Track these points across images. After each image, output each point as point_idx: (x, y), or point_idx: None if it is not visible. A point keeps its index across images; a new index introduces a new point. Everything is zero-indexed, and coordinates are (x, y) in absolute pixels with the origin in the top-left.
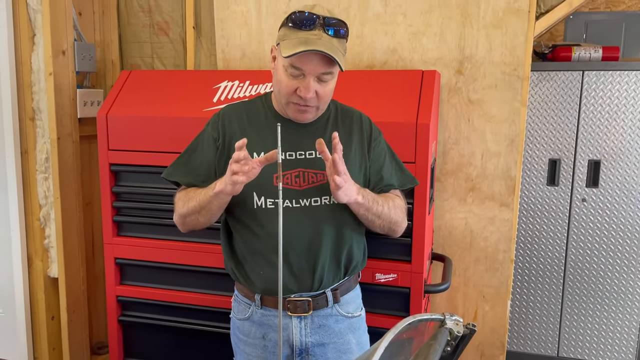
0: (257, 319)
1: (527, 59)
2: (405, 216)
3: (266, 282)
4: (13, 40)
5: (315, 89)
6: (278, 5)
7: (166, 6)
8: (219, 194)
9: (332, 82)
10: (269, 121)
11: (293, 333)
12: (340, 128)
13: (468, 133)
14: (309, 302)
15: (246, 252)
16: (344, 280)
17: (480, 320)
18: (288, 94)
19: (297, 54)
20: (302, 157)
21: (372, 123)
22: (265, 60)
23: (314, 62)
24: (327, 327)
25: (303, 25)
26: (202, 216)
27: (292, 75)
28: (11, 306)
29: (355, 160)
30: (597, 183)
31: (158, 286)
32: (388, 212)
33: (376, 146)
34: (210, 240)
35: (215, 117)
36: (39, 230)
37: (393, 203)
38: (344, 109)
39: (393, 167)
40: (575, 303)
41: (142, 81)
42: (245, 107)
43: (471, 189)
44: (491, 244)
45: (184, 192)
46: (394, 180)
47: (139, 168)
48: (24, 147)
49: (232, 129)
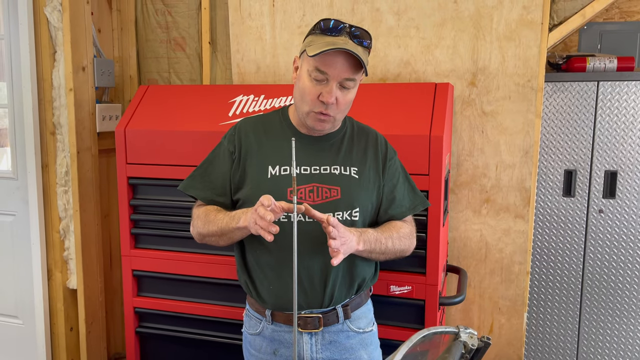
0: (268, 335)
1: (541, 71)
2: (414, 240)
3: (276, 297)
4: (35, 57)
5: (336, 95)
6: (292, 20)
7: (182, 22)
8: (242, 229)
9: (352, 91)
10: (286, 135)
11: (304, 349)
12: (356, 146)
13: (482, 144)
14: (320, 318)
15: (257, 265)
16: (355, 296)
17: (496, 333)
18: (311, 100)
19: (325, 51)
20: (316, 172)
21: (388, 143)
22: (280, 74)
23: (338, 66)
24: (339, 343)
25: (330, 31)
26: (222, 240)
27: (316, 80)
28: (31, 317)
29: (369, 179)
30: (614, 194)
31: (175, 298)
32: (392, 247)
33: (391, 166)
34: (227, 252)
35: (232, 131)
36: (59, 242)
37: (398, 234)
38: (360, 127)
39: (406, 187)
40: (594, 315)
41: (159, 96)
42: (262, 121)
43: (486, 200)
44: (506, 256)
45: (204, 210)
46: (405, 201)
47: (156, 181)
48: (45, 161)
49: (248, 142)
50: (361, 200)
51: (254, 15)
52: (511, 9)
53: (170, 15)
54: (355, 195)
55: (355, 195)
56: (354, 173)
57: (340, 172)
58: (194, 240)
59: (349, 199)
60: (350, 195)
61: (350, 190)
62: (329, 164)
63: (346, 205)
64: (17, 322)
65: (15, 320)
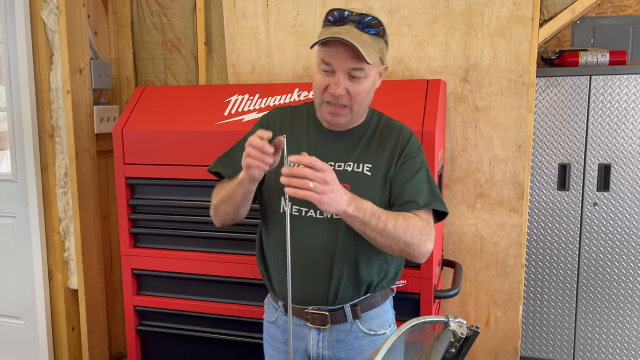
0: (281, 325)
1: (532, 66)
2: (426, 239)
3: (285, 289)
4: (32, 60)
5: (346, 86)
6: (286, 19)
7: (178, 24)
8: (241, 181)
9: (365, 81)
10: (308, 128)
11: (310, 344)
12: (376, 141)
13: (475, 140)
14: (327, 316)
15: (269, 257)
16: (366, 297)
17: (493, 326)
18: (320, 91)
19: (320, 41)
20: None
21: (413, 139)
22: (275, 74)
23: (341, 56)
24: (346, 342)
25: (334, 20)
26: (229, 205)
27: (324, 71)
28: (33, 318)
29: (381, 175)
30: (608, 187)
31: (174, 296)
32: (394, 230)
33: (407, 161)
34: (224, 250)
35: (263, 118)
36: (59, 243)
37: (405, 221)
38: (387, 122)
39: (422, 187)
40: (590, 307)
41: (156, 97)
42: (292, 111)
43: (480, 195)
44: (501, 250)
45: (220, 184)
46: (419, 198)
47: (154, 181)
48: (44, 163)
49: (275, 130)
50: (371, 198)
51: (248, 15)
52: (502, 5)
53: (166, 16)
54: (364, 194)
55: (365, 193)
56: (366, 170)
57: (353, 169)
58: (193, 239)
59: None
60: (359, 194)
61: (360, 189)
62: (343, 161)
63: None
64: (20, 323)
65: (17, 321)
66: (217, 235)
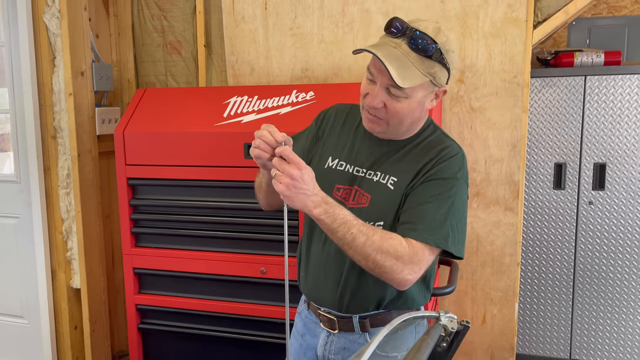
0: (303, 317)
1: (527, 67)
2: (403, 268)
3: (304, 286)
4: (35, 63)
5: (384, 100)
6: (284, 22)
7: (178, 26)
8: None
9: (405, 100)
10: (358, 129)
11: (319, 344)
12: (411, 156)
13: (471, 140)
14: (335, 321)
15: (300, 252)
16: (379, 312)
17: (489, 323)
18: (362, 97)
19: (357, 51)
20: (361, 175)
21: (452, 163)
22: (273, 75)
23: (382, 71)
24: (352, 352)
25: (389, 30)
26: (260, 192)
27: (368, 79)
28: (36, 317)
29: (402, 187)
30: (604, 186)
31: (175, 294)
32: (362, 246)
33: (430, 182)
34: (224, 249)
35: (322, 112)
36: (62, 243)
37: (382, 242)
38: (436, 139)
39: (434, 217)
40: (586, 305)
41: (157, 98)
42: (350, 109)
43: (476, 194)
44: (497, 248)
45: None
46: (421, 225)
47: (155, 181)
48: (47, 165)
49: (328, 126)
50: (388, 213)
51: (247, 18)
52: (496, 7)
53: (166, 19)
54: (382, 207)
55: (382, 207)
56: (390, 183)
57: (379, 179)
58: (193, 238)
59: (374, 210)
60: (377, 206)
61: (379, 201)
62: (373, 169)
63: (370, 216)
64: (23, 322)
65: (20, 320)
66: (217, 235)
